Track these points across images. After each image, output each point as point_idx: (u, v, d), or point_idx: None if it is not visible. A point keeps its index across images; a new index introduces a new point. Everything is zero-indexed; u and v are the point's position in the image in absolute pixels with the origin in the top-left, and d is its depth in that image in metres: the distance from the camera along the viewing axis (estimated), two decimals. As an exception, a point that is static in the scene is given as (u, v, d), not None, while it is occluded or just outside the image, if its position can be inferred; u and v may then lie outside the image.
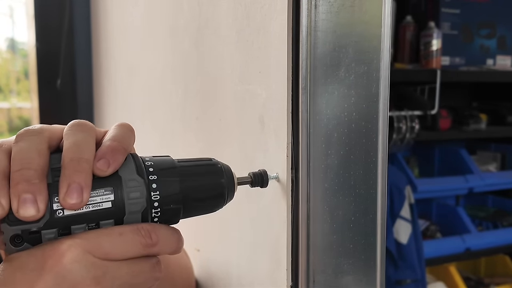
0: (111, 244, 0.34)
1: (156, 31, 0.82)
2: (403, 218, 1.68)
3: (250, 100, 0.51)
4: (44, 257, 0.33)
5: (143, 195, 0.35)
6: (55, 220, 0.33)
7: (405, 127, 1.70)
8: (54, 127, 0.37)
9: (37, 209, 0.32)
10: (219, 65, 0.59)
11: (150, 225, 0.36)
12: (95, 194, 0.34)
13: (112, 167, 0.35)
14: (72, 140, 0.35)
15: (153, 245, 0.36)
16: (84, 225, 0.34)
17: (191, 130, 0.69)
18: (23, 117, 1.63)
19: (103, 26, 1.26)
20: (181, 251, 0.39)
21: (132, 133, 0.38)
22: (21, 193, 0.32)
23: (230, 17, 0.55)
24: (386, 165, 0.45)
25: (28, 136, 0.35)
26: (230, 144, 0.57)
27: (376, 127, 0.44)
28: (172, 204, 0.37)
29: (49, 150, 0.35)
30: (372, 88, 0.44)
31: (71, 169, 0.33)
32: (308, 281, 0.44)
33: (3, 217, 0.33)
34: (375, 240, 0.46)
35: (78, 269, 0.33)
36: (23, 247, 0.33)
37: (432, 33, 1.83)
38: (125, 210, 0.35)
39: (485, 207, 2.18)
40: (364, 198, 0.45)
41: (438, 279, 1.93)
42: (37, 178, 0.33)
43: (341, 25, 0.43)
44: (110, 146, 0.35)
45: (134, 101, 1.01)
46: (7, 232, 0.33)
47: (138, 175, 0.36)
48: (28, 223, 0.33)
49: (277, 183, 0.46)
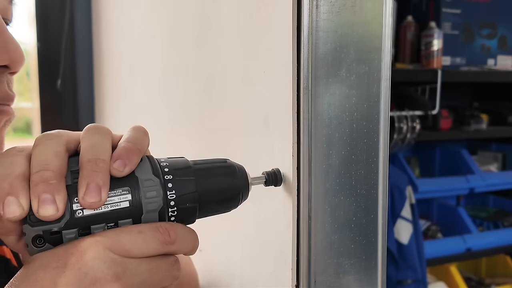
0: (131, 241, 0.35)
1: (158, 31, 0.82)
2: (404, 218, 1.68)
3: (255, 100, 0.51)
4: (65, 255, 0.33)
5: (160, 194, 0.36)
6: (75, 220, 0.34)
7: (406, 127, 1.70)
8: (72, 132, 0.38)
9: (56, 209, 0.33)
10: (222, 65, 0.59)
11: (168, 224, 0.37)
12: (113, 194, 0.35)
13: (128, 167, 0.36)
14: (90, 143, 0.36)
15: (171, 242, 0.36)
16: (103, 224, 0.35)
17: (194, 130, 0.70)
18: (24, 117, 1.63)
19: (104, 26, 1.26)
20: (195, 252, 0.39)
21: (146, 135, 0.40)
22: (40, 193, 0.33)
23: (233, 17, 0.55)
24: (387, 165, 0.45)
25: (46, 140, 0.36)
26: (234, 144, 0.57)
27: (377, 127, 0.44)
28: (188, 203, 0.38)
29: (67, 153, 0.36)
30: (373, 88, 0.44)
31: (89, 169, 0.34)
32: (310, 281, 0.44)
33: (23, 217, 0.33)
34: (376, 240, 0.46)
35: (99, 265, 0.33)
36: (45, 247, 0.34)
37: (433, 33, 1.83)
38: (142, 209, 0.36)
39: (486, 207, 2.17)
40: (365, 198, 0.45)
41: (439, 279, 1.93)
42: (55, 179, 0.34)
43: (342, 25, 0.43)
44: (125, 148, 0.37)
45: (136, 102, 1.01)
46: (29, 233, 0.34)
47: (154, 175, 0.36)
48: (49, 223, 0.34)
49: (282, 183, 0.46)
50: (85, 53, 1.40)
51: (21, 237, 0.36)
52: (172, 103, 0.78)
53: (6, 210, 0.33)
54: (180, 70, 0.73)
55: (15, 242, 0.36)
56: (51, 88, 1.42)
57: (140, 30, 0.93)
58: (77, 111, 1.42)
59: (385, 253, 0.46)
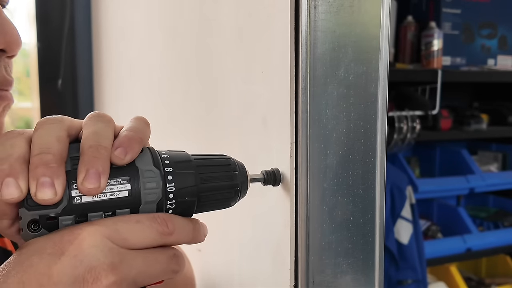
0: (129, 230, 0.34)
1: (157, 31, 0.82)
2: (404, 218, 1.68)
3: (253, 100, 0.51)
4: (62, 241, 0.33)
5: (159, 186, 0.36)
6: (72, 206, 0.34)
7: (406, 127, 1.70)
8: (74, 119, 0.38)
9: (55, 192, 0.33)
10: (220, 65, 0.59)
11: (166, 214, 0.36)
12: (112, 182, 0.35)
13: (130, 155, 0.35)
14: (92, 129, 0.36)
15: (169, 233, 0.36)
16: (101, 213, 0.35)
17: (193, 130, 0.70)
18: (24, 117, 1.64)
19: (104, 26, 1.26)
20: (198, 242, 0.39)
21: (147, 126, 0.39)
22: (39, 176, 0.33)
23: (232, 16, 0.55)
24: (385, 165, 0.45)
25: (48, 124, 0.36)
26: (232, 144, 0.57)
27: (374, 127, 0.45)
28: (187, 197, 0.37)
29: (68, 138, 0.36)
30: (370, 88, 0.44)
31: (90, 155, 0.34)
32: (308, 281, 0.44)
33: (21, 200, 0.33)
34: (373, 240, 0.46)
35: (96, 253, 0.33)
36: (40, 233, 0.34)
37: (433, 33, 1.83)
38: (141, 199, 0.36)
39: (486, 207, 2.17)
40: (363, 198, 0.45)
41: (439, 280, 1.93)
42: (55, 162, 0.33)
43: (340, 25, 0.43)
44: (127, 136, 0.36)
45: (135, 102, 1.01)
46: (25, 217, 0.33)
47: (154, 166, 0.36)
48: (46, 208, 0.33)
49: (280, 183, 0.46)
50: (85, 53, 1.40)
51: (15, 221, 0.35)
52: (170, 103, 0.78)
53: (4, 192, 0.32)
54: (179, 70, 0.73)
55: (7, 226, 0.35)
56: (51, 88, 1.42)
57: (139, 30, 0.93)
58: (77, 111, 1.42)
59: (383, 253, 0.46)
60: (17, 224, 0.36)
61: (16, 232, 0.36)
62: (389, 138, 1.69)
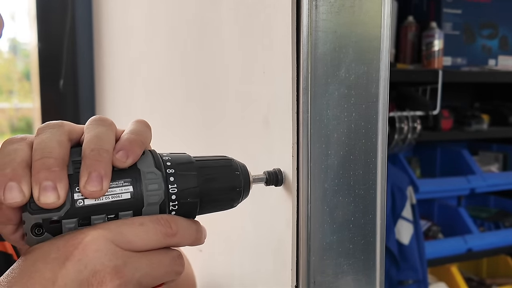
0: (133, 233, 0.35)
1: (158, 32, 0.82)
2: (405, 218, 1.67)
3: (254, 101, 0.51)
4: (66, 246, 0.33)
5: (161, 188, 0.36)
6: (75, 209, 0.34)
7: (407, 127, 1.70)
8: (74, 124, 0.38)
9: (57, 196, 0.33)
10: (221, 65, 0.59)
11: (169, 216, 0.37)
12: (114, 185, 0.35)
13: (131, 158, 0.36)
14: (93, 133, 0.36)
15: (173, 234, 0.36)
16: (104, 215, 0.35)
17: (194, 131, 0.70)
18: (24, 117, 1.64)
19: (105, 27, 1.26)
20: (200, 244, 0.39)
21: (149, 128, 0.40)
22: (42, 180, 0.33)
23: (233, 17, 0.55)
24: (386, 165, 0.45)
25: (49, 129, 0.36)
26: (234, 144, 0.57)
27: (375, 127, 0.45)
28: (189, 198, 0.38)
29: (69, 142, 0.36)
30: (371, 89, 0.44)
31: (92, 158, 0.34)
32: (309, 282, 0.44)
33: (24, 204, 0.33)
34: (374, 240, 0.46)
35: (100, 257, 0.33)
36: (44, 237, 0.34)
37: (434, 33, 1.83)
38: (143, 201, 0.36)
39: (487, 208, 2.17)
40: (364, 198, 0.45)
41: (440, 280, 1.93)
42: (57, 166, 0.33)
43: (342, 25, 0.43)
44: (129, 139, 0.37)
45: (136, 102, 1.01)
46: (28, 221, 0.34)
47: (156, 168, 0.36)
48: (49, 211, 0.33)
49: (283, 183, 0.46)
50: (86, 53, 1.40)
51: (18, 226, 0.36)
52: (171, 103, 0.78)
53: (7, 196, 0.33)
54: (180, 71, 0.73)
55: (11, 232, 0.36)
56: (52, 88, 1.42)
57: (140, 30, 0.94)
58: (78, 111, 1.42)
59: (384, 253, 0.46)
60: (21, 229, 0.36)
61: (20, 237, 0.36)
62: (390, 139, 1.69)
